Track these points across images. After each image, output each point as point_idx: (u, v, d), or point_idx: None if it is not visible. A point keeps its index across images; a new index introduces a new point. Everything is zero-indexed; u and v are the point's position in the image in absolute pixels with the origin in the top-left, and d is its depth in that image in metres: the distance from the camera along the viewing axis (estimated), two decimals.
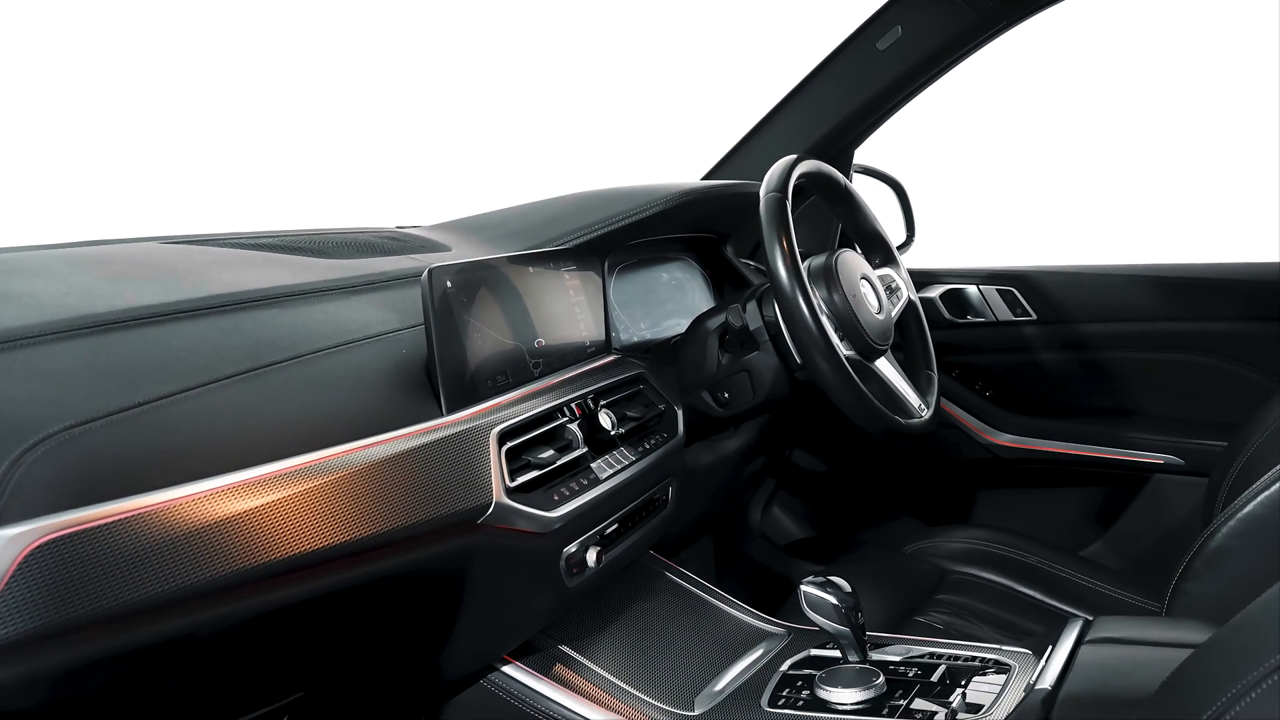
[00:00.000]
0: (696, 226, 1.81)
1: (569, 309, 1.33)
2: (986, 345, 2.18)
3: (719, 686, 1.31)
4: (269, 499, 0.86)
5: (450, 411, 1.08)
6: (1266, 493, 1.23)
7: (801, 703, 1.23)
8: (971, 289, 2.16)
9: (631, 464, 1.30)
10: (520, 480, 1.12)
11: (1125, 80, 3.19)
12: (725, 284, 1.90)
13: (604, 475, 1.25)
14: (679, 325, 1.66)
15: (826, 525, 2.36)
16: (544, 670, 1.26)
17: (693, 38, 3.45)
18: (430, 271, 1.08)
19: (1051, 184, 3.29)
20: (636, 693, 1.27)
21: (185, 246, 1.24)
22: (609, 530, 1.29)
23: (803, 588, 1.19)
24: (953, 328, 2.17)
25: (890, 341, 1.52)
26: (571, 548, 1.20)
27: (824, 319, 1.36)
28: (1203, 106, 3.09)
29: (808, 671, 1.29)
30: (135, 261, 1.12)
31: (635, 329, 1.66)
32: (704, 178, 2.10)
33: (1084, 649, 1.18)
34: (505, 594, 1.17)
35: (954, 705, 1.16)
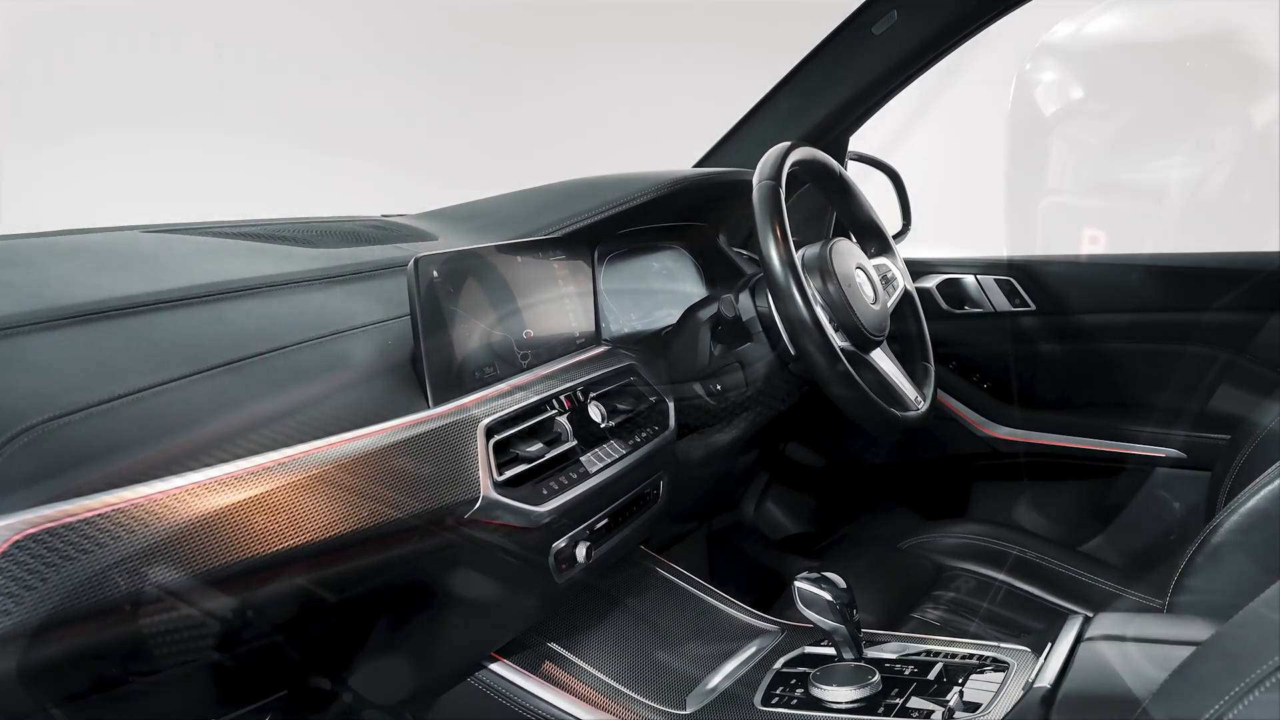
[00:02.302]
0: (688, 215, 1.80)
1: (558, 299, 1.31)
2: (984, 336, 2.17)
3: (711, 685, 1.30)
4: (251, 493, 0.86)
5: (437, 404, 1.07)
6: (1270, 487, 1.21)
7: (796, 701, 1.22)
8: (969, 279, 2.14)
9: (622, 457, 1.29)
10: (508, 474, 1.11)
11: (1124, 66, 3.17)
12: (717, 274, 1.88)
13: (594, 469, 1.24)
14: (670, 316, 1.64)
15: (821, 520, 2.35)
16: (533, 668, 1.25)
17: (686, 22, 3.43)
18: (416, 261, 1.06)
19: (1049, 174, 3.27)
20: (627, 691, 1.26)
21: (166, 235, 1.24)
22: (599, 525, 1.27)
23: (797, 584, 1.18)
24: (950, 318, 2.16)
25: (886, 332, 1.51)
26: (560, 543, 1.19)
27: (818, 310, 1.34)
28: (1203, 92, 3.07)
29: (802, 670, 1.28)
30: (115, 251, 1.12)
31: (626, 319, 1.64)
32: (696, 165, 2.08)
33: (1083, 646, 1.17)
34: (493, 590, 1.15)
35: (951, 704, 1.15)
